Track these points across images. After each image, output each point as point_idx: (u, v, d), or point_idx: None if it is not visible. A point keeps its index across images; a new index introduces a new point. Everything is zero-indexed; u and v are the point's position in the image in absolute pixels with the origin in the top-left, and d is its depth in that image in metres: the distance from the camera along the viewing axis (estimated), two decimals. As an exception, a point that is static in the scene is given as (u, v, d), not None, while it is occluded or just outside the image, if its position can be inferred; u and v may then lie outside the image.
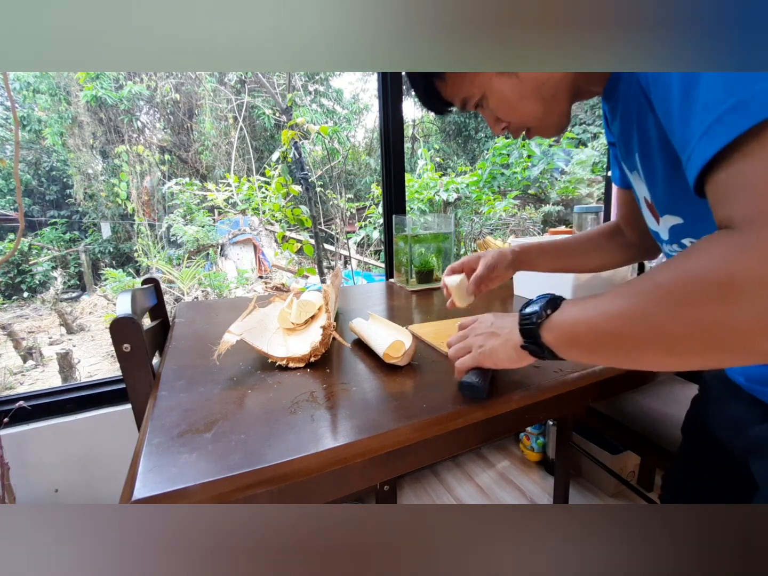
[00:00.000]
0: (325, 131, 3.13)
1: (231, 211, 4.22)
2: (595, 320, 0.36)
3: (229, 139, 5.69)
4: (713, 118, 0.30)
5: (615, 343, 0.35)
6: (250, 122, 5.98)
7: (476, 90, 0.51)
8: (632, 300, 0.33)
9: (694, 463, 0.68)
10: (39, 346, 3.70)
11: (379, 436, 0.44)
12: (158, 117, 6.14)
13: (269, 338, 0.68)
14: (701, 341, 0.30)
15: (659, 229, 0.52)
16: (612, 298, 0.35)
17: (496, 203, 3.30)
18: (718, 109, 0.30)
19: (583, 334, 0.38)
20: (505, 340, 0.47)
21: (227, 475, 0.38)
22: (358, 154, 6.48)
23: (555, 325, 0.41)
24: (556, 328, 0.41)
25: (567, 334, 0.40)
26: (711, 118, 0.30)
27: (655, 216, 0.52)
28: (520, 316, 0.45)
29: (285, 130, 2.99)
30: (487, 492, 1.54)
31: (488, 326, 0.52)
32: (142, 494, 0.35)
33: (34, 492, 1.11)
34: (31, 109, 5.24)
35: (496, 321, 0.52)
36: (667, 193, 0.46)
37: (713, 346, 0.30)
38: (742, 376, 0.52)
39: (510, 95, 0.50)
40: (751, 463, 0.52)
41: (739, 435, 0.55)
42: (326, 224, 4.64)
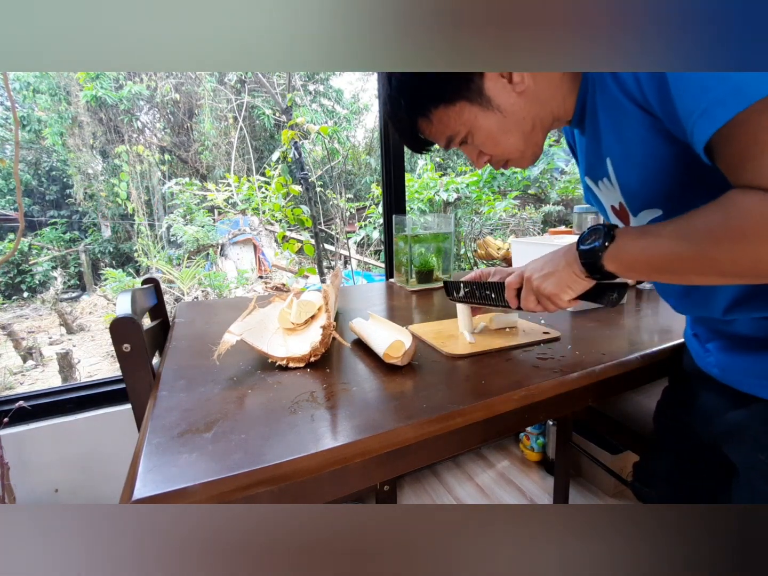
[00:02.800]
0: (325, 131, 3.13)
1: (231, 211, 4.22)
2: (654, 259, 0.44)
3: (229, 139, 5.69)
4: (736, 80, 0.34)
5: (671, 273, 0.44)
6: (250, 122, 5.97)
7: (462, 127, 0.53)
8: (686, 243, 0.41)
9: (666, 449, 0.72)
10: (39, 346, 3.70)
11: (379, 436, 0.44)
12: (158, 117, 6.14)
13: (269, 338, 0.68)
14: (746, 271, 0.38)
15: None
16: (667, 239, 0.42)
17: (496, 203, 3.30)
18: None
19: (644, 266, 0.46)
20: (562, 275, 0.54)
21: (227, 474, 0.38)
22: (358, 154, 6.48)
23: (616, 257, 0.47)
24: (617, 260, 0.47)
25: (628, 264, 0.47)
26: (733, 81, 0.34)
27: (625, 220, 0.56)
28: (580, 253, 0.50)
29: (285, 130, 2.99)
30: (487, 492, 1.54)
31: (540, 269, 0.57)
32: (143, 494, 0.35)
33: (34, 492, 1.11)
34: (31, 109, 5.24)
35: (545, 264, 0.57)
36: (647, 188, 0.49)
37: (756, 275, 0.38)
38: (717, 368, 0.57)
39: (495, 130, 0.53)
40: (727, 449, 0.56)
41: (711, 422, 0.59)
42: (326, 224, 4.64)
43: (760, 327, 0.50)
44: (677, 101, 0.38)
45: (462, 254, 3.16)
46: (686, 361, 0.67)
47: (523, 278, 0.60)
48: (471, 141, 0.55)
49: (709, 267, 0.40)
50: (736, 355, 0.54)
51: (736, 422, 0.54)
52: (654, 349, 0.67)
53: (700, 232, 0.40)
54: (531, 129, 0.53)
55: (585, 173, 0.60)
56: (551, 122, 0.54)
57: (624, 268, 0.48)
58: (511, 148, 0.55)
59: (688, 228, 0.41)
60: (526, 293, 0.59)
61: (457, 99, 0.50)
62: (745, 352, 0.53)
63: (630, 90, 0.43)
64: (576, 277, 0.52)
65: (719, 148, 0.38)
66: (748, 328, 0.51)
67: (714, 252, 0.39)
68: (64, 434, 1.13)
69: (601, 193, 0.58)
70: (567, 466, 1.35)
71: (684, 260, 0.41)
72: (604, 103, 0.48)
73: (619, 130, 0.48)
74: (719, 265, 0.39)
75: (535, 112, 0.52)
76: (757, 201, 0.35)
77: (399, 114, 0.54)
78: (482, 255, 1.79)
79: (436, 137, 0.56)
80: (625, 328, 0.80)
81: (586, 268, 0.50)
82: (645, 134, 0.45)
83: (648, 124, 0.44)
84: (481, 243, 1.79)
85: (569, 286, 0.54)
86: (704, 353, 0.60)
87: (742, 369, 0.53)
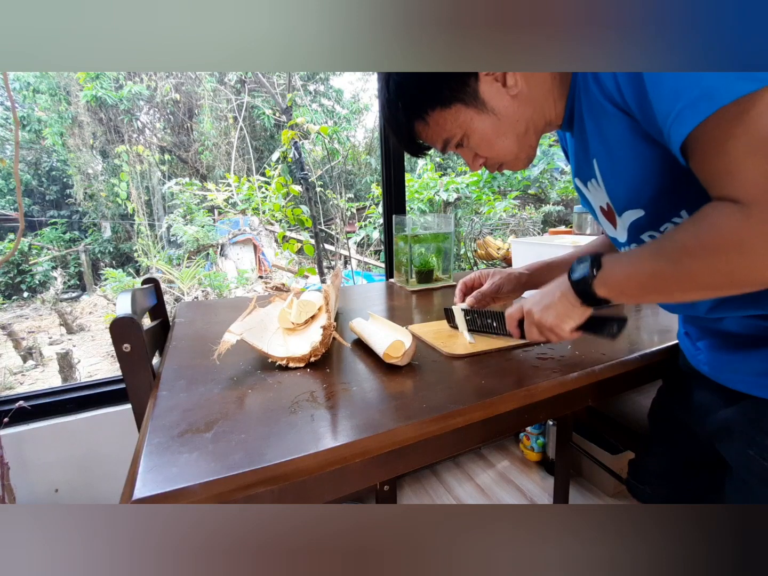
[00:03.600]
0: (325, 131, 3.13)
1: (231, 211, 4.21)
2: (639, 280, 0.46)
3: (229, 139, 5.69)
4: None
5: (657, 292, 0.46)
6: (250, 122, 5.97)
7: (458, 130, 0.54)
8: (664, 260, 0.42)
9: (660, 446, 0.73)
10: (39, 346, 3.69)
11: (379, 435, 0.44)
12: (158, 117, 6.13)
13: (269, 338, 0.68)
14: (724, 283, 0.39)
15: (617, 233, 0.57)
16: (648, 259, 0.44)
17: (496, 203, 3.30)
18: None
19: (632, 289, 0.47)
20: (559, 306, 0.55)
21: (227, 474, 0.38)
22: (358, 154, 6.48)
23: (605, 283, 0.49)
24: (606, 285, 0.49)
25: (617, 289, 0.49)
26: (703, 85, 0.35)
27: (612, 220, 0.57)
28: (572, 283, 0.52)
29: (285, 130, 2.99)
30: (487, 492, 1.54)
31: (538, 302, 0.58)
32: (143, 494, 0.35)
33: (34, 492, 1.10)
34: (31, 109, 5.24)
35: (543, 297, 0.58)
36: (630, 188, 0.50)
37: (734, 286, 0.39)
38: (707, 366, 0.58)
39: (490, 132, 0.54)
40: (719, 446, 0.57)
41: (704, 420, 0.60)
42: (326, 224, 4.64)
43: (748, 325, 0.50)
44: (654, 104, 0.38)
45: (462, 254, 3.16)
46: (681, 360, 0.68)
47: (522, 311, 0.61)
48: (467, 143, 0.56)
49: (688, 282, 0.41)
50: (725, 353, 0.55)
51: (726, 419, 0.55)
52: (653, 349, 0.67)
53: (678, 249, 0.41)
54: (524, 131, 0.54)
55: (575, 175, 0.61)
56: (543, 126, 0.56)
57: (615, 293, 0.49)
58: (506, 151, 0.56)
59: (666, 246, 0.43)
60: (528, 326, 0.60)
61: (452, 102, 0.52)
62: (733, 350, 0.53)
63: (610, 92, 0.44)
64: (572, 306, 0.53)
65: (692, 153, 0.39)
66: (736, 327, 0.52)
67: (691, 267, 0.40)
68: (64, 434, 1.13)
69: (590, 194, 0.59)
70: (567, 466, 1.35)
71: (666, 278, 0.43)
72: (588, 106, 0.49)
73: (602, 131, 0.49)
74: (697, 279, 0.40)
75: (529, 114, 0.53)
76: (726, 214, 0.37)
77: (397, 117, 0.56)
78: (482, 255, 1.79)
79: (433, 140, 0.57)
80: (625, 328, 0.80)
81: (580, 296, 0.51)
82: (626, 136, 0.46)
83: (629, 126, 0.45)
84: (481, 243, 1.79)
85: (568, 315, 0.54)
86: (695, 351, 0.61)
87: (731, 367, 0.54)
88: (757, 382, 0.50)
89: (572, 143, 0.59)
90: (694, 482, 0.69)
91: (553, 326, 0.56)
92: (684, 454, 0.69)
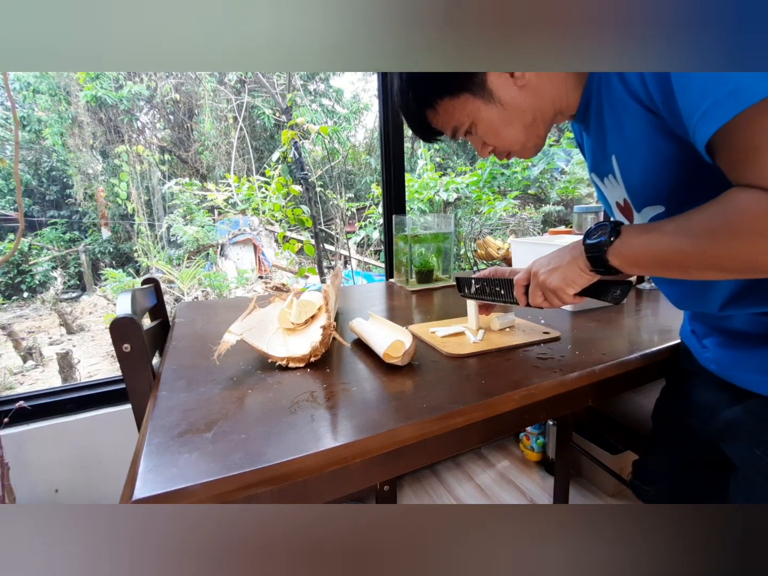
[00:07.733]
0: (325, 131, 3.13)
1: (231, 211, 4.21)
2: (656, 254, 0.45)
3: (229, 139, 5.68)
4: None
5: (673, 268, 0.45)
6: (250, 122, 5.97)
7: (466, 118, 0.56)
8: (687, 239, 0.42)
9: (664, 447, 0.73)
10: (39, 346, 3.69)
11: (379, 436, 0.44)
12: (158, 117, 6.13)
13: (269, 338, 0.68)
14: (744, 267, 0.40)
15: None
16: (669, 235, 0.44)
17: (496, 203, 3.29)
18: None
19: (647, 261, 0.47)
20: (566, 270, 0.55)
21: (227, 474, 0.38)
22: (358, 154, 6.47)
23: (620, 252, 0.48)
24: (621, 255, 0.48)
25: (632, 259, 0.48)
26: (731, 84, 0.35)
27: (629, 216, 0.57)
28: (586, 247, 0.52)
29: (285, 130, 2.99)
30: (487, 492, 1.54)
31: (546, 264, 0.58)
32: (143, 494, 0.35)
33: (34, 492, 1.10)
34: (31, 109, 5.23)
35: (552, 259, 0.58)
36: (650, 185, 0.50)
37: (754, 270, 0.40)
38: (714, 364, 0.57)
39: (497, 122, 0.55)
40: (724, 445, 0.57)
41: (708, 419, 0.60)
42: (326, 224, 4.63)
43: (757, 323, 0.50)
44: (680, 102, 0.38)
45: (462, 254, 3.16)
46: (683, 360, 0.68)
47: (530, 274, 0.61)
48: (475, 132, 0.58)
49: (709, 263, 0.41)
50: (732, 351, 0.55)
51: (732, 418, 0.55)
52: (654, 349, 0.67)
53: (701, 229, 0.41)
54: (531, 122, 0.55)
55: (591, 170, 0.61)
56: (553, 115, 0.56)
57: (628, 263, 0.49)
58: (512, 140, 0.57)
59: (689, 225, 0.42)
60: (533, 288, 0.61)
61: (461, 91, 0.53)
62: (741, 347, 0.53)
63: (635, 90, 0.44)
64: (580, 271, 0.54)
65: (718, 149, 0.39)
66: (744, 324, 0.52)
67: (714, 248, 0.40)
68: (64, 434, 1.13)
69: (606, 189, 0.59)
70: (567, 466, 1.35)
71: (685, 256, 0.43)
72: (609, 102, 0.49)
73: (623, 128, 0.49)
74: (719, 260, 0.40)
75: (536, 105, 0.54)
76: (754, 199, 0.37)
77: (408, 105, 0.57)
78: (482, 255, 1.79)
79: (442, 127, 0.59)
80: (625, 328, 0.80)
81: (591, 262, 0.52)
82: (648, 133, 0.46)
83: (652, 123, 0.45)
84: (481, 243, 1.79)
85: (574, 280, 0.55)
86: (702, 349, 0.60)
87: (739, 365, 0.54)
88: (765, 381, 0.50)
89: (588, 139, 0.59)
90: (697, 482, 0.68)
91: (557, 289, 0.56)
92: (688, 455, 0.68)
